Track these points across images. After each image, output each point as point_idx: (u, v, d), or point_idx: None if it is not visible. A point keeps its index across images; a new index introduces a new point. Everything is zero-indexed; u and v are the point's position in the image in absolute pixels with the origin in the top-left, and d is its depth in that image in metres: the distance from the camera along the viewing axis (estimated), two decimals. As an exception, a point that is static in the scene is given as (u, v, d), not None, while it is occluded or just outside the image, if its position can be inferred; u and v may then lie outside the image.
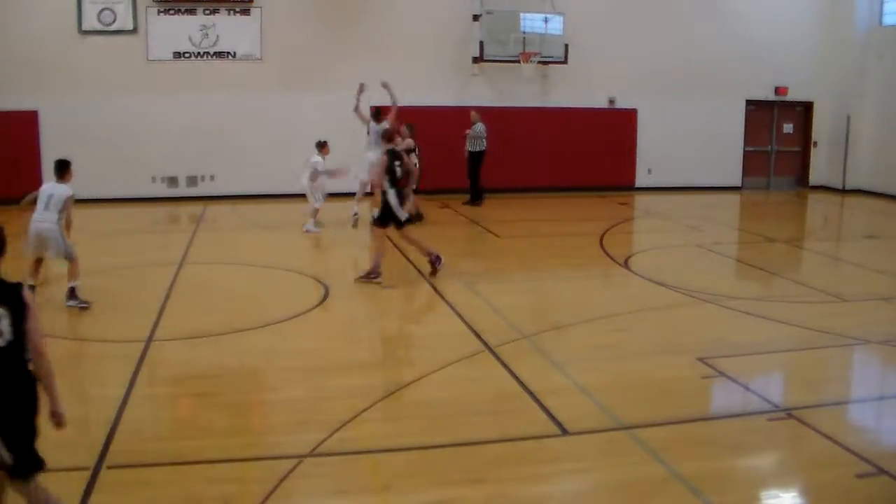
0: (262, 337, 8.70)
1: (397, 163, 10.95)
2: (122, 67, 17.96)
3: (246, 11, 18.51)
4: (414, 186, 13.65)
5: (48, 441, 5.99)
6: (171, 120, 18.19)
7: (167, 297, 10.21)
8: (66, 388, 7.13)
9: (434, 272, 11.06)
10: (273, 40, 18.59)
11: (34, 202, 9.59)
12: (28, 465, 4.31)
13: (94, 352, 8.26)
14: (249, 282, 11.14)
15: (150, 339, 8.44)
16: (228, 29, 18.47)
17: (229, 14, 18.43)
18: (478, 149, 18.11)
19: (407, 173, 11.17)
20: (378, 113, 15.27)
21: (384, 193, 10.83)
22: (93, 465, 5.62)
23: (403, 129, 15.60)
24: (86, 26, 17.84)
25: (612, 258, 12.97)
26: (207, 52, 18.46)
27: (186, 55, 18.40)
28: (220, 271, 10.91)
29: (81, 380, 7.51)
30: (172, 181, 18.74)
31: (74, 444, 5.91)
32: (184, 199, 18.64)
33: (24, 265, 9.35)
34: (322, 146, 14.82)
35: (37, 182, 17.41)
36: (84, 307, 9.52)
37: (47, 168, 17.65)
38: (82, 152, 17.65)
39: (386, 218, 10.92)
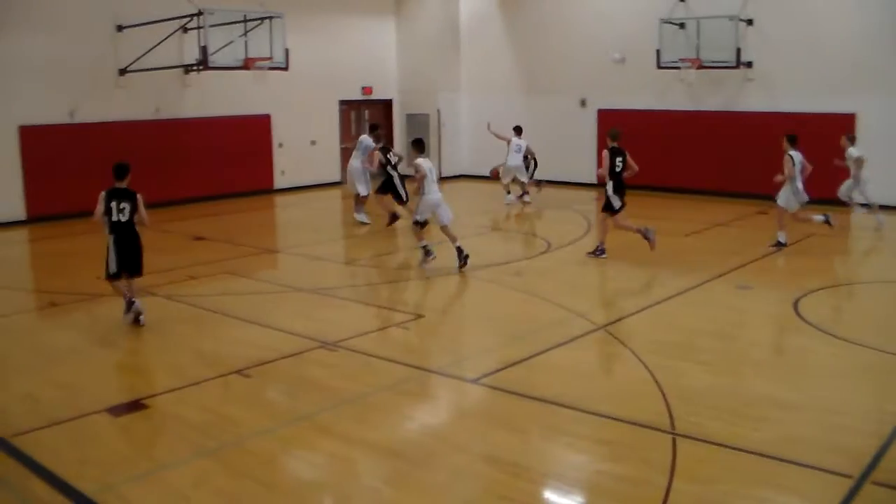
0: None
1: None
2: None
3: None
4: None
5: (816, 441, 6.10)
6: None
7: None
8: (851, 391, 7.17)
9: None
10: None
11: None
12: (138, 271, 9.50)
13: (884, 363, 7.99)
14: None
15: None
16: None
17: None
18: None
19: None
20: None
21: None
22: (857, 475, 5.52)
23: None
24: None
25: None
26: None
27: None
28: None
29: (865, 388, 7.36)
30: None
31: (845, 451, 5.89)
32: None
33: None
34: None
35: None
36: None
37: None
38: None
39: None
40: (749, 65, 18.28)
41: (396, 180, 15.14)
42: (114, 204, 9.14)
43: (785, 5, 18.03)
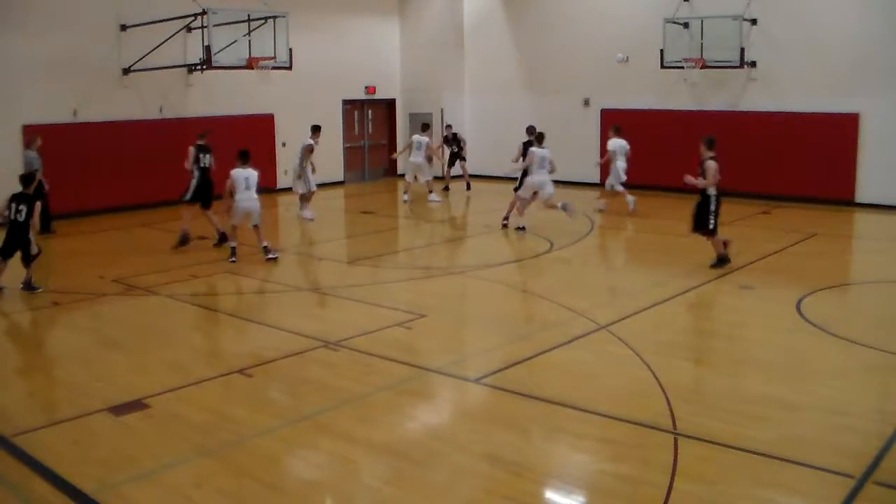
0: None
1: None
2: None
3: None
4: None
5: (815, 442, 6.08)
6: None
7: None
8: (854, 391, 7.16)
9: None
10: None
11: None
12: (11, 256, 10.77)
13: (886, 363, 7.97)
14: None
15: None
16: None
17: None
18: None
19: None
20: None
21: None
22: (859, 475, 5.51)
23: None
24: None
25: None
26: None
27: None
28: None
29: (868, 388, 7.34)
30: None
31: (847, 451, 5.88)
32: None
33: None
34: None
35: (852, 184, 17.72)
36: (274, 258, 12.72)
37: (863, 169, 17.66)
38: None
39: None
40: (753, 64, 18.25)
41: (196, 181, 14.03)
42: (13, 205, 10.66)
43: (789, 5, 18.00)
